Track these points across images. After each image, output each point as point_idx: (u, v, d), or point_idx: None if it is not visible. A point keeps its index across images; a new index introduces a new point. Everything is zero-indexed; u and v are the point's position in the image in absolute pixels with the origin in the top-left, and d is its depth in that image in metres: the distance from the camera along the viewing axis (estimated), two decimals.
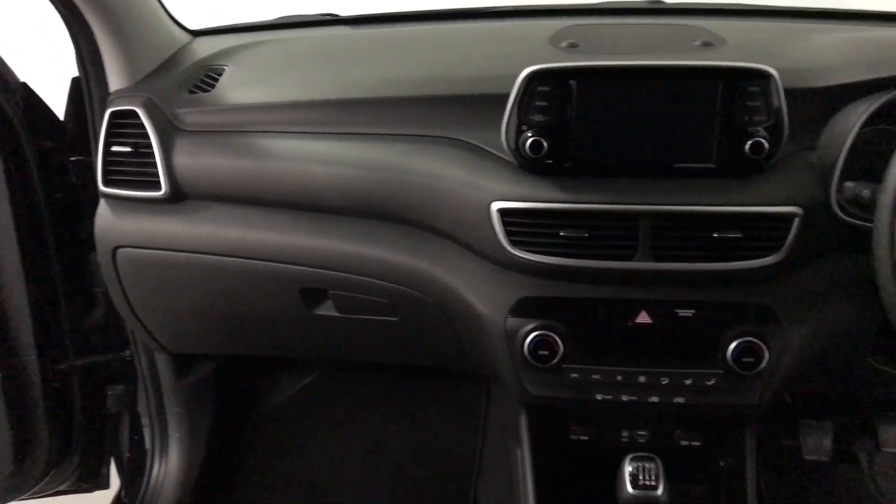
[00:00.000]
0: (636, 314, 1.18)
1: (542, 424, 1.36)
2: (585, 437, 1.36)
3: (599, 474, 1.25)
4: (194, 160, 1.32)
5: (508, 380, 1.26)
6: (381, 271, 1.29)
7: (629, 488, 1.04)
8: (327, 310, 1.39)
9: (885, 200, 0.97)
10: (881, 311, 1.13)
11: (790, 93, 1.11)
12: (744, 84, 1.10)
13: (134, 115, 1.32)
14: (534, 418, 1.35)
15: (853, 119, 1.12)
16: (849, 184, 1.08)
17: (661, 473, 1.05)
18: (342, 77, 1.37)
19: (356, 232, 1.29)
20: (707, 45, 1.32)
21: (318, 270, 1.32)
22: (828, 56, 1.27)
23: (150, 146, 1.31)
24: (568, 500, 1.39)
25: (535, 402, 1.26)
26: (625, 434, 1.34)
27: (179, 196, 1.34)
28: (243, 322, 1.47)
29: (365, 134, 1.28)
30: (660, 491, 1.03)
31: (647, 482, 1.04)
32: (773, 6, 1.67)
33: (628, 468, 1.06)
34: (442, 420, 1.99)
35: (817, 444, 1.82)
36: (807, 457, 1.82)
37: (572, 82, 1.12)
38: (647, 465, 1.06)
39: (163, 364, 1.68)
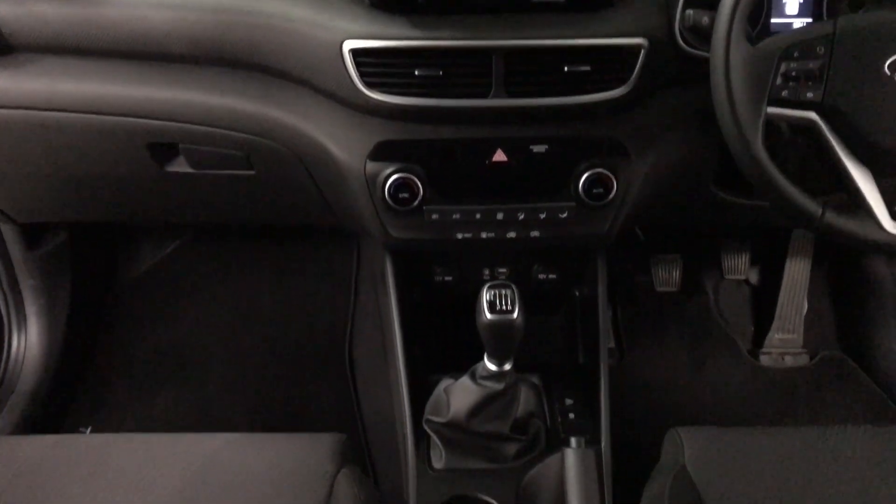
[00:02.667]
0: (492, 152, 1.20)
1: (406, 268, 1.38)
2: (449, 278, 1.40)
3: (462, 312, 1.30)
4: (19, 7, 1.20)
5: (371, 226, 1.26)
6: (231, 121, 1.24)
7: (487, 314, 1.08)
8: (179, 166, 1.33)
9: (719, 27, 1.00)
10: (720, 141, 1.20)
11: None
12: None
13: None
14: (398, 262, 1.37)
15: None
16: (689, 11, 1.11)
17: (516, 299, 1.10)
18: None
19: (202, 80, 1.22)
20: None
21: (165, 123, 1.25)
22: None
23: None
24: (433, 339, 1.45)
25: (398, 245, 1.28)
26: (486, 272, 1.39)
27: (5, 48, 1.22)
28: (92, 184, 1.40)
29: None
30: (515, 314, 1.08)
31: (504, 308, 1.09)
32: None
33: (486, 296, 1.10)
34: (312, 280, 2.00)
35: (667, 276, 1.96)
36: (658, 289, 1.96)
37: None
38: (503, 292, 1.10)
39: (10, 235, 1.59)
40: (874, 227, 1.02)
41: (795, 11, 1.28)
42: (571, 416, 1.34)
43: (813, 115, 1.01)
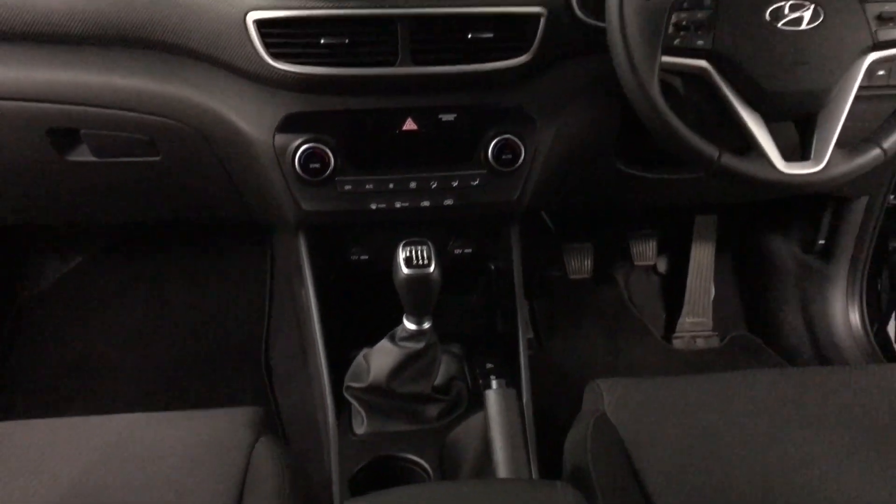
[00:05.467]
0: (403, 121, 1.21)
1: (321, 248, 1.37)
2: (365, 257, 1.40)
3: (379, 290, 1.29)
4: None
5: (283, 201, 1.25)
6: (136, 102, 1.21)
7: (404, 269, 1.08)
8: (81, 154, 1.29)
9: None
10: (621, 108, 1.24)
11: None
12: None
13: None
14: (313, 240, 1.36)
15: None
16: None
17: (432, 254, 1.10)
18: None
19: (105, 61, 1.20)
20: None
21: (65, 107, 1.22)
22: None
23: None
24: (351, 319, 1.43)
25: (311, 219, 1.27)
26: None
27: None
28: None
29: None
30: (432, 269, 1.09)
31: (421, 262, 1.09)
32: None
33: (402, 253, 1.10)
34: (225, 286, 1.95)
35: (580, 264, 2.00)
36: (572, 276, 1.99)
37: None
38: (419, 248, 1.11)
39: None
40: (769, 168, 1.07)
41: None
42: (492, 378, 1.35)
43: (704, 63, 1.06)
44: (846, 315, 1.81)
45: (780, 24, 1.04)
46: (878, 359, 1.74)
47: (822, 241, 1.82)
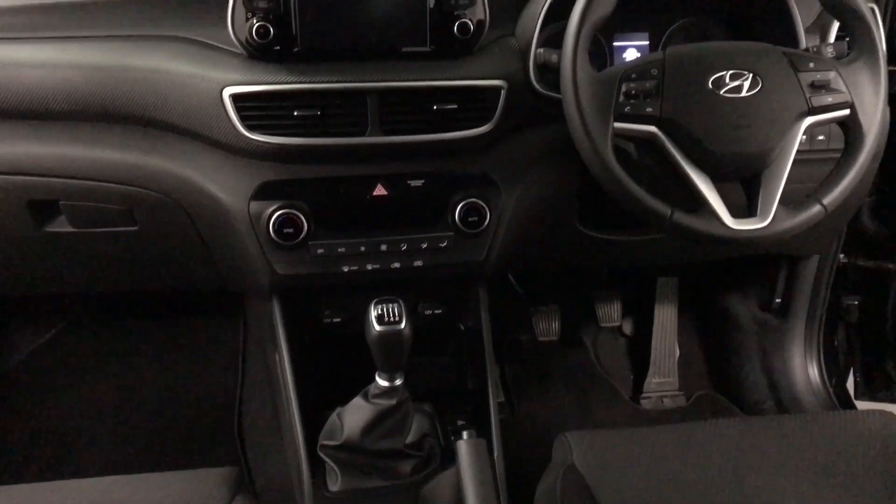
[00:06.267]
0: (373, 187, 1.27)
1: (295, 312, 1.41)
2: (337, 319, 1.43)
3: (352, 352, 1.33)
4: None
5: (258, 266, 1.29)
6: (115, 173, 1.26)
7: (376, 326, 1.13)
8: (60, 226, 1.33)
9: (566, 53, 1.12)
10: (579, 174, 1.31)
11: None
12: None
13: None
14: (286, 304, 1.39)
15: (541, 4, 1.29)
16: (540, 50, 1.24)
17: (403, 311, 1.15)
18: None
19: (83, 135, 1.25)
20: None
21: (46, 179, 1.26)
22: None
23: None
24: (324, 381, 1.46)
25: (285, 283, 1.31)
26: None
27: None
28: None
29: (83, 37, 1.24)
30: (403, 325, 1.13)
31: (392, 319, 1.14)
32: None
33: (374, 311, 1.14)
34: (198, 355, 1.97)
35: (548, 326, 2.05)
36: (540, 339, 2.04)
37: None
38: (390, 306, 1.15)
39: None
40: (718, 224, 1.13)
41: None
42: (463, 431, 1.38)
43: (653, 128, 1.13)
44: (805, 370, 1.88)
45: (721, 92, 1.12)
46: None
47: (778, 300, 1.89)
